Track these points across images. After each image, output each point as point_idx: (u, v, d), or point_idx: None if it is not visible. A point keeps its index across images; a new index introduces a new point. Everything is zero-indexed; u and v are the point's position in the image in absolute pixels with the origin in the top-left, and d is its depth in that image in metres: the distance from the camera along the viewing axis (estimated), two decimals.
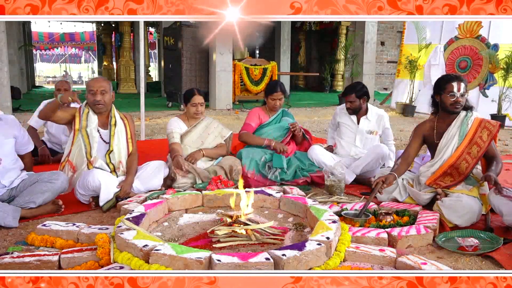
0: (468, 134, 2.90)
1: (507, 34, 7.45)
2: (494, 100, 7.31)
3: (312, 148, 3.80)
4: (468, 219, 2.66)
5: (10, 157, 2.91)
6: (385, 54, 15.91)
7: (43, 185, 2.85)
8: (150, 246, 1.94)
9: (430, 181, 2.96)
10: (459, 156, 2.88)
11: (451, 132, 2.96)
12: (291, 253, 1.89)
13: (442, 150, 2.98)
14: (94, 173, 2.99)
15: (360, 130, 3.84)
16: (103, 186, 2.97)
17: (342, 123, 3.94)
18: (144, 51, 5.98)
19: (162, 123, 7.37)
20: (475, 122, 2.93)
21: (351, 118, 3.88)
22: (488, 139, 2.86)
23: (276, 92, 3.91)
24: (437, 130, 3.05)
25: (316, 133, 6.85)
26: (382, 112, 3.93)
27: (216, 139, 3.79)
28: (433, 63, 8.44)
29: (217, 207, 2.82)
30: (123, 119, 3.35)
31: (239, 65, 9.93)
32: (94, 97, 3.15)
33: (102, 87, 3.16)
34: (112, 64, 17.46)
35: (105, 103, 3.19)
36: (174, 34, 9.42)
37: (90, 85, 3.21)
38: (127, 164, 3.28)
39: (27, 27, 14.86)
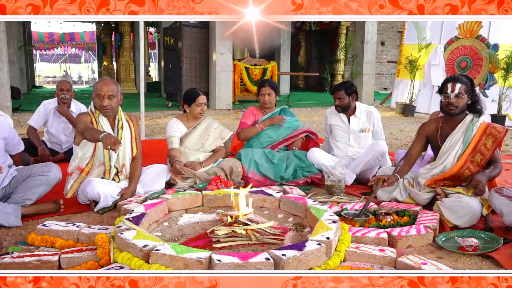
0: (472, 141, 2.82)
1: (507, 34, 7.44)
2: (494, 100, 7.31)
3: (311, 151, 3.79)
4: (468, 220, 2.65)
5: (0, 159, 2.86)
6: (385, 54, 15.92)
7: (37, 179, 2.81)
8: (150, 246, 1.94)
9: (430, 183, 2.96)
10: (462, 166, 2.81)
11: (455, 137, 2.91)
12: (291, 253, 1.88)
13: (445, 155, 2.93)
14: (93, 184, 2.94)
15: (352, 129, 3.86)
16: (102, 196, 2.94)
17: (334, 125, 3.96)
18: (144, 51, 5.98)
19: (162, 123, 7.37)
20: (480, 128, 2.84)
21: (342, 118, 3.89)
22: (493, 146, 2.79)
23: (264, 87, 3.96)
24: (441, 132, 3.00)
25: (316, 133, 6.85)
26: (371, 108, 3.94)
27: (216, 141, 3.78)
28: (433, 63, 8.43)
29: (217, 207, 2.82)
30: (129, 121, 3.26)
31: (239, 65, 9.93)
32: (101, 101, 3.02)
33: (110, 92, 3.03)
34: (112, 64, 17.46)
35: (112, 108, 3.07)
36: (174, 34, 9.43)
37: (98, 88, 3.05)
38: (131, 170, 3.19)
39: (27, 27, 14.87)
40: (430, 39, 8.71)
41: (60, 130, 4.56)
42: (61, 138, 4.57)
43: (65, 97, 4.48)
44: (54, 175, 2.87)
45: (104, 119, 3.11)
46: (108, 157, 3.07)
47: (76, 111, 4.60)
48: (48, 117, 4.55)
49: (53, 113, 4.55)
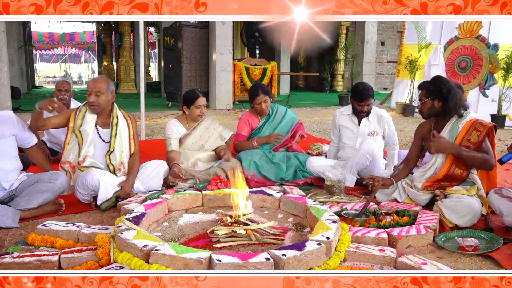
0: (457, 139, 2.86)
1: (507, 34, 7.45)
2: (494, 100, 7.31)
3: (309, 161, 3.73)
4: (469, 219, 2.66)
5: (8, 157, 2.84)
6: (385, 54, 15.91)
7: (43, 185, 2.83)
8: (150, 246, 1.94)
9: (426, 186, 2.97)
10: (450, 165, 2.86)
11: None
12: (291, 253, 1.88)
13: (434, 156, 2.97)
14: (93, 172, 2.98)
15: (361, 131, 3.75)
16: (102, 185, 2.95)
17: (343, 126, 3.85)
18: (144, 51, 5.98)
19: (162, 123, 7.37)
20: (466, 125, 2.87)
21: (353, 120, 3.79)
22: (479, 139, 2.79)
23: (258, 96, 3.86)
24: (434, 134, 3.01)
25: (316, 133, 6.85)
26: (383, 112, 3.82)
27: (216, 142, 3.77)
28: (433, 63, 8.43)
29: (217, 207, 2.81)
30: (127, 118, 3.30)
31: (239, 65, 9.93)
32: (88, 97, 3.14)
33: (97, 88, 3.11)
34: (112, 64, 17.47)
35: (99, 104, 3.13)
36: (174, 34, 9.43)
37: (87, 85, 3.20)
38: (129, 165, 3.23)
39: (27, 27, 14.87)
40: (430, 39, 8.71)
41: (60, 130, 4.54)
42: (61, 138, 4.55)
43: (63, 98, 4.45)
44: (61, 184, 2.89)
45: (90, 116, 3.16)
46: (81, 146, 3.12)
47: None
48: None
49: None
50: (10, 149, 2.87)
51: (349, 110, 3.80)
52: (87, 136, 3.12)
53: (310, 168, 3.70)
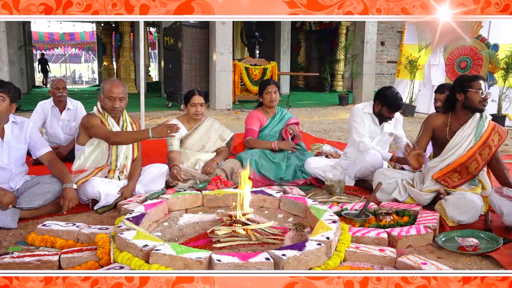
0: (484, 135, 2.90)
1: (507, 34, 7.45)
2: (494, 100, 7.31)
3: (307, 162, 3.73)
4: (471, 215, 2.69)
5: (20, 162, 2.89)
6: (385, 54, 15.93)
7: (45, 186, 2.84)
8: (150, 246, 1.94)
9: (438, 176, 2.96)
10: (471, 156, 2.88)
11: (466, 132, 2.95)
12: (291, 253, 1.88)
13: (454, 148, 2.96)
14: (93, 183, 2.96)
15: (384, 132, 3.73)
16: (103, 195, 2.95)
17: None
18: (144, 51, 5.98)
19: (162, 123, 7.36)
20: (490, 125, 2.94)
21: (375, 121, 3.72)
22: (499, 143, 2.90)
23: (269, 85, 3.94)
24: (450, 127, 3.02)
25: (316, 133, 6.85)
26: (398, 114, 3.81)
27: (217, 142, 3.78)
28: (433, 63, 8.44)
29: (217, 207, 2.81)
30: (132, 123, 3.30)
31: (239, 65, 9.93)
32: (113, 103, 3.06)
33: (122, 94, 3.08)
34: (112, 64, 17.47)
35: (122, 110, 3.16)
36: (174, 34, 9.42)
37: (108, 90, 3.06)
38: (131, 170, 3.22)
39: (27, 27, 14.88)
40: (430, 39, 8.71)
41: (59, 129, 4.55)
42: (61, 138, 4.57)
43: (62, 95, 4.47)
44: (62, 186, 2.88)
45: (112, 121, 3.16)
46: (115, 157, 3.12)
47: (73, 108, 4.60)
48: (46, 117, 4.54)
49: (50, 113, 4.54)
50: (22, 155, 2.91)
51: (370, 109, 3.72)
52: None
53: (308, 170, 3.71)
